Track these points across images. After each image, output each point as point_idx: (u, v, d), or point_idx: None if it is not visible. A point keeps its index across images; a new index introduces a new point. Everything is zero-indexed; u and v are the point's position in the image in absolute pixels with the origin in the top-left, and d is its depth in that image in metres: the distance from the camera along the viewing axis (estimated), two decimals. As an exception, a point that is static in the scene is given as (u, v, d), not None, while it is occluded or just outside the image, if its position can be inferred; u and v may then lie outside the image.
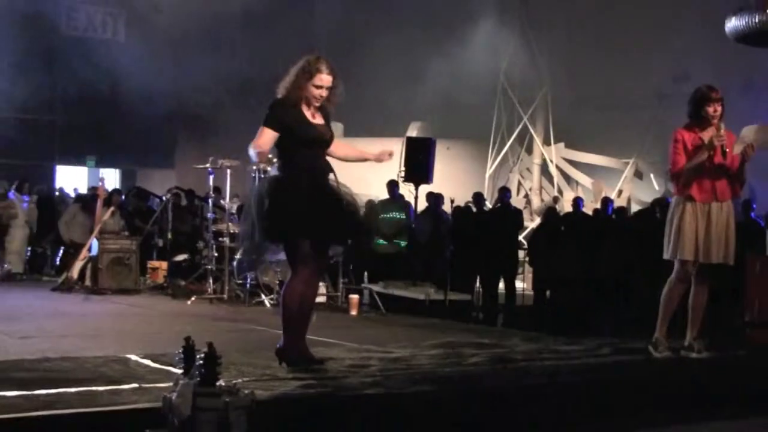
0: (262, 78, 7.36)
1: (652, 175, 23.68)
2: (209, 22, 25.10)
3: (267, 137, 6.74)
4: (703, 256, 7.97)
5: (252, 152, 6.71)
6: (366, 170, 8.96)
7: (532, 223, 22.87)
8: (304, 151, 6.83)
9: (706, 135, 7.99)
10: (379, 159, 7.22)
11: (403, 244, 15.32)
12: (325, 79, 6.83)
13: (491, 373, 7.14)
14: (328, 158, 7.07)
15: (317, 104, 6.89)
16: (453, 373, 7.06)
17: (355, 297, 12.67)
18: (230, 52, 24.38)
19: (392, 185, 15.69)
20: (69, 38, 25.53)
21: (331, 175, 6.97)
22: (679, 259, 8.04)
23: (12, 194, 17.54)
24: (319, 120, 6.95)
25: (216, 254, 13.77)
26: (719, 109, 8.01)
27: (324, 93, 6.85)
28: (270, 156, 6.98)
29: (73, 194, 21.47)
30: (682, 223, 7.99)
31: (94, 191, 17.02)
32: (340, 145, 7.22)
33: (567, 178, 25.30)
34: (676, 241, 8.01)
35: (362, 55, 23.54)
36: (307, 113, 6.87)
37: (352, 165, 7.30)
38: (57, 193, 20.82)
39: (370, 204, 7.33)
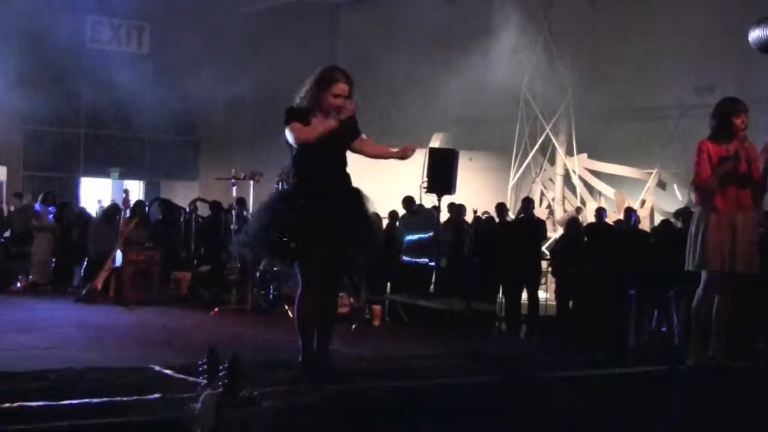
0: (283, 92, 7.32)
1: (675, 186, 23.53)
2: (233, 36, 25.21)
3: (296, 128, 6.70)
4: (728, 266, 7.91)
5: (296, 138, 6.71)
6: (390, 182, 8.93)
7: (554, 233, 22.74)
8: (308, 161, 6.78)
9: (731, 147, 7.95)
10: (402, 156, 7.13)
11: (429, 261, 15.24)
12: (342, 87, 6.80)
13: (512, 386, 7.10)
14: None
15: (336, 113, 6.77)
16: (475, 383, 7.03)
17: (377, 307, 12.65)
18: (253, 65, 24.38)
19: (408, 202, 15.74)
20: (93, 50, 25.63)
21: (350, 186, 6.92)
22: (705, 270, 7.99)
23: (38, 206, 17.61)
24: (331, 122, 6.77)
25: (239, 265, 13.78)
26: (746, 120, 7.98)
27: (341, 102, 6.78)
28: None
29: (97, 206, 21.55)
30: (707, 234, 7.93)
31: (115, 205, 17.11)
32: (369, 144, 7.10)
33: (590, 188, 25.16)
34: (701, 252, 7.96)
35: (385, 68, 23.51)
36: (317, 119, 6.77)
37: (374, 177, 7.25)
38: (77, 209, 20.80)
39: (394, 216, 7.31)
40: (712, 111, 8.19)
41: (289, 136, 6.72)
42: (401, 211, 16.08)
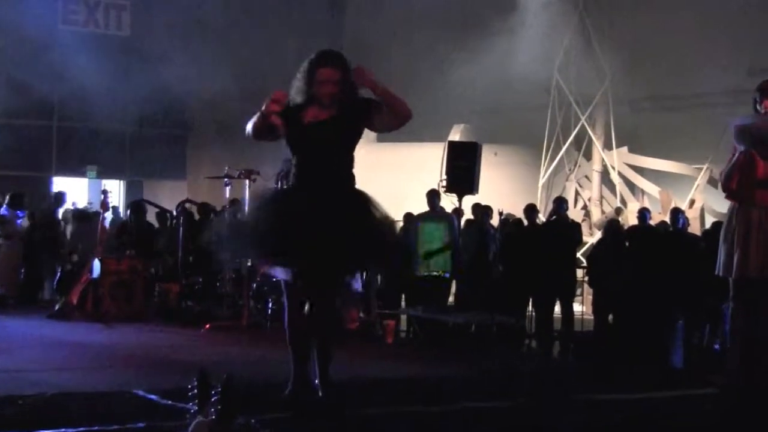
0: (282, 80, 7.27)
1: (728, 183, 23.55)
2: (224, 16, 25.22)
3: (261, 118, 6.74)
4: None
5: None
6: (403, 181, 8.94)
7: (591, 238, 22.75)
8: (300, 159, 6.79)
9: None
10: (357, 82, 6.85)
11: (444, 267, 15.24)
12: (325, 73, 6.70)
13: (546, 410, 7.11)
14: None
15: (327, 102, 6.72)
16: (502, 408, 7.04)
17: (391, 323, 12.65)
18: (247, 51, 24.40)
19: (432, 196, 15.63)
20: (66, 32, 25.64)
21: (351, 187, 6.88)
22: (739, 277, 7.92)
23: (5, 210, 17.60)
24: (323, 114, 6.76)
25: (233, 275, 13.79)
26: None
27: (330, 89, 6.69)
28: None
29: (71, 209, 21.54)
30: (745, 236, 7.87)
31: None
32: (384, 108, 6.86)
33: (631, 186, 25.16)
34: (740, 257, 7.88)
35: (397, 52, 23.54)
36: (310, 114, 6.76)
37: (384, 176, 7.23)
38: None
39: (408, 219, 7.30)
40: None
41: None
42: (412, 210, 15.92)
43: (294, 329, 6.76)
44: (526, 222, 16.30)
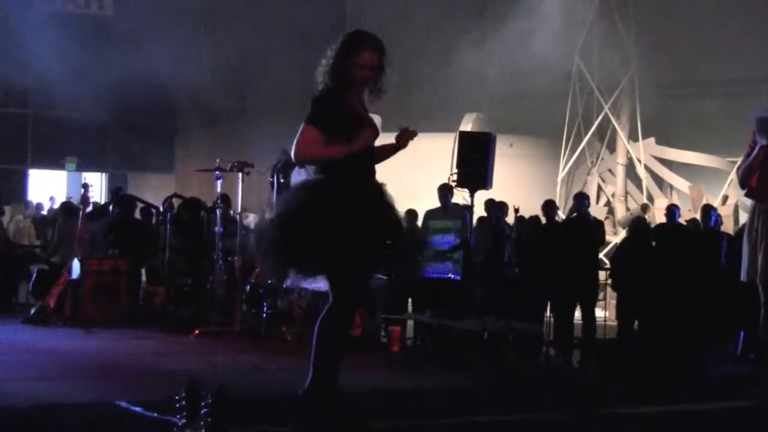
0: (278, 65, 7.27)
1: (765, 177, 23.58)
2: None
3: (309, 137, 6.69)
4: None
5: (293, 156, 6.74)
6: (409, 176, 8.92)
7: (615, 237, 22.77)
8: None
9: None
10: (400, 145, 7.05)
11: (454, 266, 15.25)
12: (368, 57, 6.77)
13: (566, 425, 7.10)
14: None
15: (361, 88, 6.84)
16: (517, 422, 7.03)
17: (396, 329, 12.65)
18: (241, 32, 24.44)
19: (444, 191, 15.61)
20: (44, 12, 25.66)
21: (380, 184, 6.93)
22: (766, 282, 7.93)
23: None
24: (363, 111, 6.89)
25: (225, 277, 13.80)
26: None
27: (368, 74, 6.79)
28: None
29: (49, 204, 21.59)
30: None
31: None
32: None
33: (659, 181, 25.17)
34: (765, 260, 7.87)
35: (403, 35, 23.55)
36: (348, 107, 6.79)
37: (387, 170, 7.19)
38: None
39: (411, 215, 7.30)
40: None
41: (296, 137, 6.71)
42: (418, 207, 15.89)
43: (336, 333, 6.74)
44: (544, 220, 16.30)
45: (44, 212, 23.40)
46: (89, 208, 15.59)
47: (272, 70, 24.47)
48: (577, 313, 15.65)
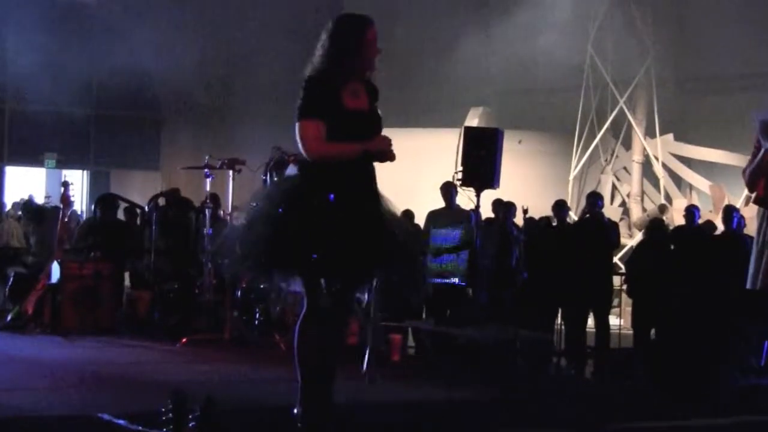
0: (269, 56, 7.28)
1: (791, 177, 23.60)
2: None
3: (314, 133, 6.64)
4: None
5: (307, 148, 6.67)
6: (411, 173, 8.91)
7: (631, 239, 22.79)
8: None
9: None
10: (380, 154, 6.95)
11: (456, 273, 15.25)
12: (374, 32, 6.78)
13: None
14: None
15: (371, 66, 6.83)
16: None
17: (397, 337, 12.65)
18: (230, 21, 24.44)
19: (449, 190, 15.62)
20: (21, 1, 25.62)
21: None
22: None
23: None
24: (363, 101, 6.84)
25: (214, 281, 13.80)
26: None
27: (378, 50, 6.81)
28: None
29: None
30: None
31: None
32: None
33: (677, 180, 25.20)
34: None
35: (407, 25, 23.56)
36: (347, 93, 6.74)
37: (388, 168, 7.14)
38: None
39: (407, 217, 7.28)
40: None
41: (299, 138, 6.65)
42: (419, 208, 15.90)
43: (314, 344, 6.69)
44: (555, 221, 16.31)
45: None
46: (69, 208, 15.57)
47: (263, 63, 24.48)
48: (590, 321, 15.67)
